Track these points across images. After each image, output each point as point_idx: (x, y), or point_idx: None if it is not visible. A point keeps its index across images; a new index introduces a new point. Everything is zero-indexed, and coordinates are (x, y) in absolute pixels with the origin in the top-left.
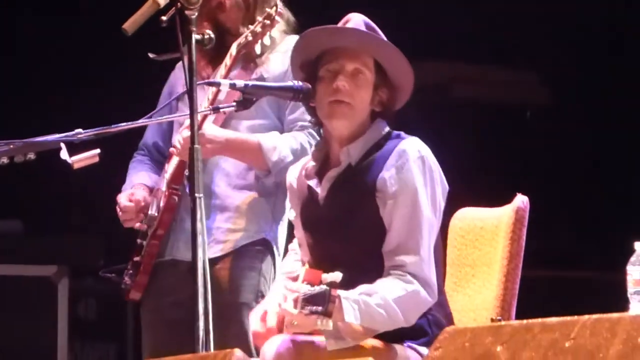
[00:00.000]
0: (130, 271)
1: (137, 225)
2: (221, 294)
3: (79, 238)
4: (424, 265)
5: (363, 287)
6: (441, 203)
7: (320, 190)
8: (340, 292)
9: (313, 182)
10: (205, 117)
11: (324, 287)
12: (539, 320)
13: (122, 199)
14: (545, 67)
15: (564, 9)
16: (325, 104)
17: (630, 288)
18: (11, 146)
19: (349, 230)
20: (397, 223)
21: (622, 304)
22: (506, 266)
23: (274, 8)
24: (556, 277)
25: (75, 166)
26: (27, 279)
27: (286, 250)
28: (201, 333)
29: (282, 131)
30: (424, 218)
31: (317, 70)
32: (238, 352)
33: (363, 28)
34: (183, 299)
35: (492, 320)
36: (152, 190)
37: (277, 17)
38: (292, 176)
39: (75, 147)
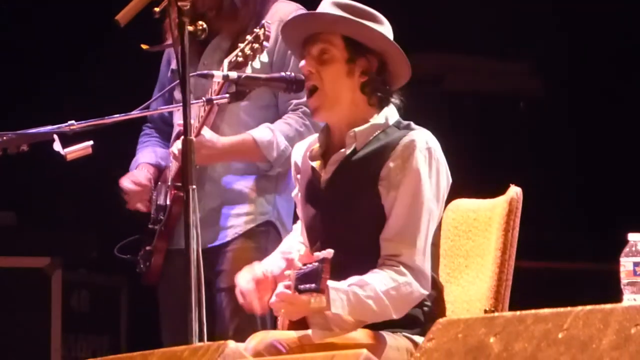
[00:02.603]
0: (144, 258)
1: (140, 206)
2: (229, 276)
3: (72, 230)
4: (419, 255)
5: (354, 279)
6: (444, 195)
7: (324, 173)
8: (330, 283)
9: (317, 164)
10: (203, 123)
11: (315, 264)
12: (532, 311)
13: (125, 182)
14: (538, 57)
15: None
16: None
17: (623, 279)
18: (4, 138)
19: (348, 215)
20: (397, 211)
21: (615, 294)
22: (500, 257)
23: (262, 30)
24: (549, 268)
25: (69, 158)
26: (21, 271)
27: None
28: (195, 325)
29: (277, 109)
30: (425, 208)
31: None
32: (232, 343)
33: (331, 9)
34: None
35: (486, 312)
36: (156, 167)
37: (265, 42)
38: (298, 154)
39: (68, 139)
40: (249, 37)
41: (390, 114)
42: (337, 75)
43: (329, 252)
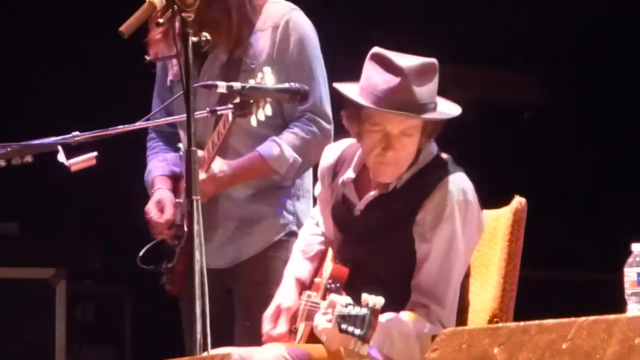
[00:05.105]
0: (166, 273)
1: (164, 236)
2: (250, 287)
3: (76, 240)
4: (447, 312)
5: (391, 315)
6: (476, 243)
7: (359, 204)
8: None
9: (349, 192)
10: (213, 157)
11: (364, 310)
12: (536, 321)
13: (153, 213)
14: (543, 67)
15: (561, 9)
16: (370, 159)
17: (628, 289)
18: (8, 149)
19: (380, 247)
20: (429, 265)
21: (620, 304)
22: (504, 268)
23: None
24: (554, 278)
25: (73, 169)
26: (25, 282)
27: None
28: (198, 336)
29: (283, 116)
30: (457, 266)
31: (360, 111)
32: (235, 355)
33: (416, 88)
34: (216, 295)
35: (490, 322)
36: (171, 178)
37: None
38: (325, 161)
39: (72, 150)
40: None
41: (430, 149)
42: (412, 149)
43: (379, 302)
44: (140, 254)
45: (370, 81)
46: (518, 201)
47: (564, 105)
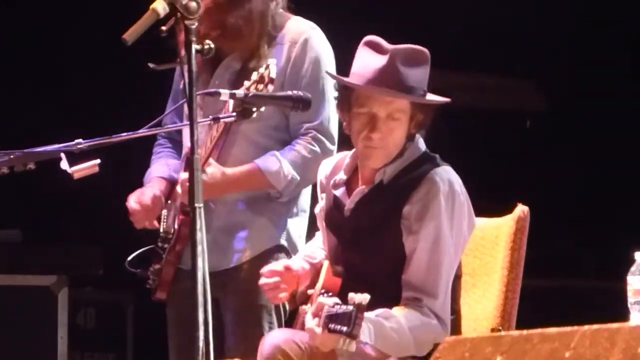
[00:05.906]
0: (154, 275)
1: (148, 224)
2: (240, 298)
3: (78, 248)
4: (439, 304)
5: (381, 310)
6: (466, 238)
7: (348, 203)
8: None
9: (340, 192)
10: (208, 156)
11: (350, 307)
12: (539, 330)
13: (131, 201)
14: (543, 74)
15: (561, 16)
16: (358, 143)
17: (631, 298)
18: (11, 156)
19: (371, 246)
20: (418, 257)
21: (622, 313)
22: (507, 276)
23: (267, 71)
24: (556, 287)
25: (76, 176)
26: (27, 289)
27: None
28: (201, 343)
29: (288, 130)
30: (446, 257)
31: (351, 95)
32: None
33: (402, 69)
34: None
35: (493, 330)
36: (169, 181)
37: (269, 85)
38: (323, 173)
39: (75, 157)
40: (254, 76)
41: (417, 145)
42: (399, 136)
43: (365, 298)
44: (130, 258)
45: (360, 64)
46: (520, 209)
47: (564, 112)
